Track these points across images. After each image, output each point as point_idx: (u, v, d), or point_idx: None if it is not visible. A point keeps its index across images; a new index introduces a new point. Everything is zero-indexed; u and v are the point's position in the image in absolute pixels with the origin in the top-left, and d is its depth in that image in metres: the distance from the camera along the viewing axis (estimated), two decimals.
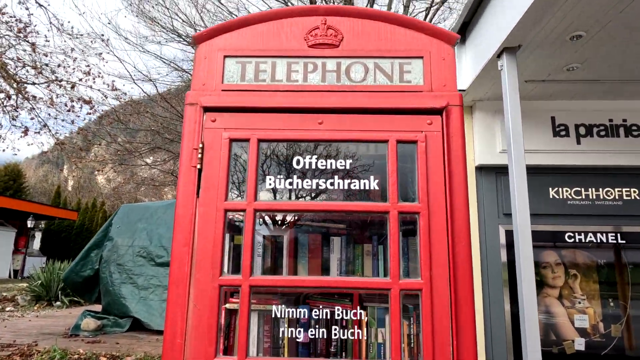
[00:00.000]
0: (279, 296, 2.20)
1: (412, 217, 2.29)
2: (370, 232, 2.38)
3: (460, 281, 1.43)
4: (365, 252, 2.33)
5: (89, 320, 5.84)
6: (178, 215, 1.53)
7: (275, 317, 1.92)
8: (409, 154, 1.54)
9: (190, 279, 1.47)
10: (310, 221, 2.34)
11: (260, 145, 1.54)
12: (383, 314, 2.19)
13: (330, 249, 2.34)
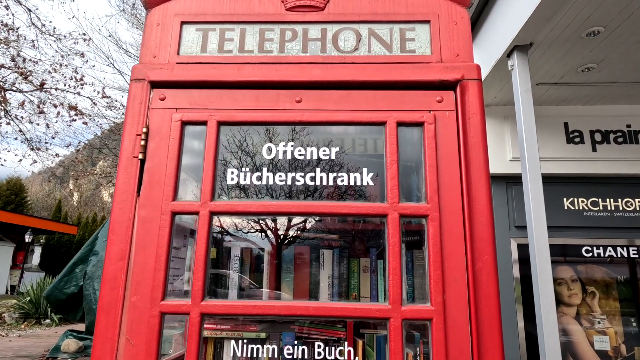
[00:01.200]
0: (257, 321, 1.83)
1: (419, 224, 1.92)
2: (368, 243, 2.01)
3: (483, 308, 1.06)
4: (362, 267, 1.96)
5: (70, 341, 5.43)
6: (113, 221, 1.17)
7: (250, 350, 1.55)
8: (413, 140, 1.19)
9: (124, 304, 1.10)
10: (297, 230, 1.98)
11: (221, 130, 1.19)
12: (384, 343, 1.81)
13: (320, 265, 1.97)
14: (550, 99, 5.48)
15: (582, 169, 5.22)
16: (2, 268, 20.50)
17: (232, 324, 1.85)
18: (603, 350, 5.11)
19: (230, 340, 1.84)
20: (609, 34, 3.63)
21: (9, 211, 21.01)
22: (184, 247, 1.82)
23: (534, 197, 3.89)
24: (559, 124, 5.53)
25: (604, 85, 4.88)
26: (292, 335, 1.65)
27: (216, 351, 1.85)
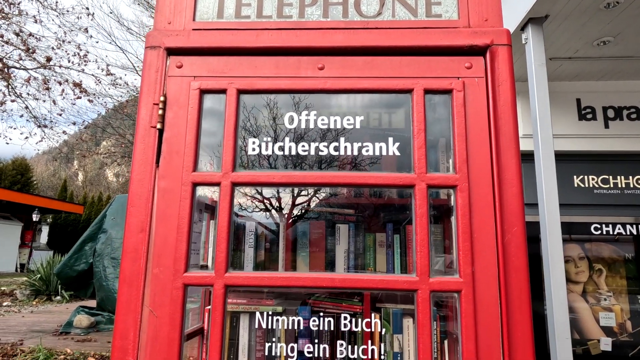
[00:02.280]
0: (274, 295, 1.83)
1: (437, 200, 1.89)
2: (384, 218, 1.98)
3: (513, 280, 1.04)
4: (378, 242, 1.94)
5: (82, 316, 5.52)
6: (132, 193, 1.15)
7: (268, 324, 1.55)
8: (440, 108, 1.15)
9: (145, 276, 1.09)
10: (312, 205, 1.96)
11: (242, 99, 1.15)
12: (400, 318, 1.80)
13: (336, 239, 1.95)
14: (563, 75, 5.36)
15: (593, 146, 5.14)
16: (12, 247, 20.80)
17: (248, 298, 1.85)
18: (608, 326, 5.14)
19: (246, 314, 1.84)
20: (628, 6, 3.50)
21: (15, 191, 21.16)
22: (200, 222, 1.80)
23: (546, 175, 3.84)
24: (571, 100, 5.43)
25: (620, 60, 4.76)
26: (308, 309, 1.65)
27: (232, 325, 1.85)
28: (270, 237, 1.99)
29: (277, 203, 1.93)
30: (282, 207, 1.92)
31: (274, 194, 1.95)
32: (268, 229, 1.96)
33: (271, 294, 1.88)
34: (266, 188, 1.80)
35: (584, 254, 5.34)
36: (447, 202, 1.85)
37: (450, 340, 1.80)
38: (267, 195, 1.97)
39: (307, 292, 1.85)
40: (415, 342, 1.81)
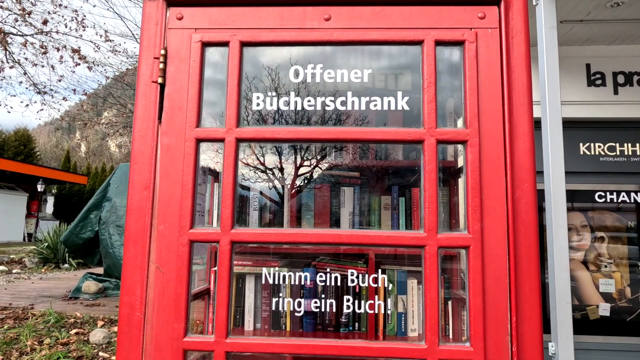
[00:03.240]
0: (279, 258, 1.84)
1: (444, 162, 1.86)
2: (389, 181, 1.97)
3: (521, 237, 1.03)
4: (383, 205, 1.93)
5: (90, 282, 5.64)
6: (135, 150, 1.13)
7: (274, 282, 1.55)
8: (450, 61, 1.10)
9: (151, 233, 1.08)
10: (317, 168, 1.94)
11: (245, 51, 1.11)
12: (404, 278, 1.81)
13: (341, 202, 1.94)
14: (573, 39, 5.20)
15: (601, 113, 5.05)
16: (18, 217, 21.06)
17: (253, 260, 1.86)
18: (607, 292, 5.21)
19: (252, 275, 1.85)
20: None
21: (19, 161, 21.22)
22: (204, 184, 1.78)
23: (553, 143, 3.79)
24: (581, 66, 5.30)
25: (633, 23, 4.60)
26: (313, 271, 1.66)
27: (238, 286, 1.87)
28: (275, 201, 1.98)
29: (281, 167, 1.91)
30: (286, 169, 1.90)
31: (276, 164, 1.93)
32: (272, 196, 1.95)
33: (276, 256, 1.89)
34: (270, 152, 1.77)
35: (587, 222, 5.35)
36: (453, 164, 1.83)
37: (453, 302, 1.81)
38: (271, 165, 1.94)
39: (312, 253, 1.85)
40: (419, 303, 1.84)
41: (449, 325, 1.84)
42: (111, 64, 12.96)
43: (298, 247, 1.84)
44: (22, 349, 3.18)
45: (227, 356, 1.01)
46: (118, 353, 1.07)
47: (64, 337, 3.53)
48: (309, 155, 1.93)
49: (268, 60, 1.19)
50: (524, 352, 0.99)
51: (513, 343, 0.99)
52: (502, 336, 0.99)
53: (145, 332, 1.05)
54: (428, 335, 0.99)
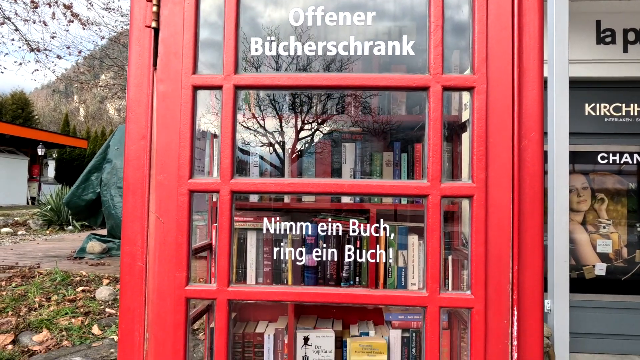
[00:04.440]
0: (280, 214, 1.84)
1: (448, 115, 1.82)
2: (391, 137, 1.93)
3: (527, 187, 1.01)
4: (384, 161, 1.90)
5: (94, 243, 5.72)
6: (130, 100, 1.09)
7: (275, 237, 1.56)
8: (459, 7, 1.05)
9: (150, 183, 1.07)
10: (318, 124, 1.90)
11: None
12: (405, 234, 1.82)
13: (342, 159, 1.92)
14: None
15: (609, 72, 4.93)
16: (20, 180, 21.13)
17: (254, 216, 1.86)
18: (604, 253, 5.28)
19: (253, 230, 1.86)
20: None
21: (18, 125, 21.07)
22: (202, 138, 1.75)
23: (559, 103, 3.70)
24: (590, 22, 5.12)
25: None
26: (314, 227, 1.66)
27: (240, 242, 1.88)
28: (276, 162, 1.95)
29: (280, 125, 1.87)
30: (286, 126, 1.87)
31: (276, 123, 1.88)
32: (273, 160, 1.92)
33: (277, 212, 1.89)
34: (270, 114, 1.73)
35: (587, 184, 5.35)
36: (457, 118, 1.79)
37: (454, 257, 1.82)
38: (270, 126, 1.91)
39: (313, 209, 1.85)
40: (419, 258, 1.85)
41: (449, 280, 1.87)
42: (106, 24, 12.56)
43: (300, 204, 1.84)
44: (30, 305, 3.27)
45: (229, 304, 1.02)
46: (121, 302, 1.08)
47: (71, 294, 3.61)
48: (309, 110, 1.89)
49: (267, 2, 1.13)
50: (524, 300, 1.00)
51: (514, 291, 0.99)
52: (503, 284, 0.99)
53: (148, 281, 1.06)
54: (429, 284, 0.99)
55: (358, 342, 1.78)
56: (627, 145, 5.17)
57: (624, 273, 5.20)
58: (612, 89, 5.11)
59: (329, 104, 1.88)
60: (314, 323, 1.92)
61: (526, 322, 1.00)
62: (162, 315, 1.04)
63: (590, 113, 5.18)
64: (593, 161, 5.28)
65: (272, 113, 1.90)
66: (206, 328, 2.11)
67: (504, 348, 0.99)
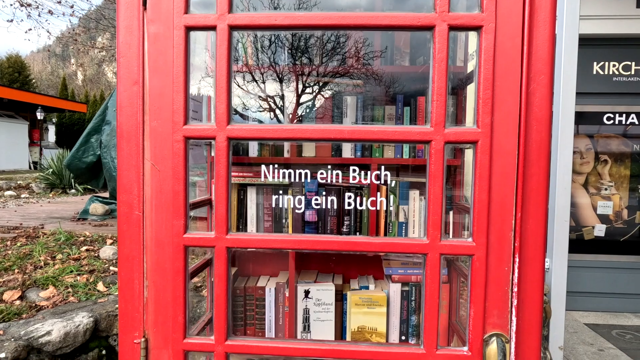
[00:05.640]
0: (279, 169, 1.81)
1: (453, 66, 1.75)
2: (394, 90, 1.88)
3: (533, 132, 0.97)
4: (387, 115, 1.86)
5: (97, 204, 5.76)
6: (120, 43, 1.04)
7: (275, 190, 1.54)
8: None
9: (144, 129, 1.03)
10: (319, 75, 1.84)
11: None
12: (407, 189, 1.80)
13: (343, 112, 1.87)
14: None
15: (620, 29, 4.76)
16: (21, 145, 21.10)
17: (254, 171, 1.84)
18: (605, 214, 5.30)
19: (253, 186, 1.84)
20: None
21: (16, 89, 20.79)
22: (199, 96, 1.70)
23: (568, 61, 3.59)
24: None
25: None
26: (315, 182, 1.64)
27: (240, 197, 1.86)
28: (274, 110, 1.91)
29: (278, 70, 1.81)
30: (284, 75, 1.81)
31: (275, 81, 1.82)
32: (270, 102, 1.87)
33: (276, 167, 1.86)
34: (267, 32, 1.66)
35: (592, 145, 5.29)
36: (463, 69, 1.73)
37: (455, 209, 1.81)
38: (269, 83, 1.84)
39: (312, 164, 1.82)
40: (420, 213, 1.84)
41: (449, 235, 1.87)
42: None
43: (300, 158, 1.81)
44: (35, 263, 3.31)
45: (228, 252, 1.01)
46: (120, 251, 1.07)
47: (75, 253, 3.66)
48: (309, 61, 1.82)
49: None
50: (526, 247, 0.99)
51: (516, 238, 0.98)
52: (506, 232, 0.98)
53: (145, 229, 1.05)
54: (430, 231, 0.98)
55: (358, 295, 1.80)
56: (635, 106, 5.07)
57: (623, 234, 5.24)
58: (623, 47, 4.95)
59: (329, 55, 1.81)
60: (314, 277, 1.94)
61: (527, 270, 0.99)
62: (161, 263, 1.04)
63: (599, 72, 5.04)
64: (599, 122, 5.20)
65: (270, 66, 1.84)
66: (207, 283, 2.14)
67: (503, 295, 0.99)
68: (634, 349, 3.89)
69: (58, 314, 2.48)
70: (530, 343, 1.01)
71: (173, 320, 1.04)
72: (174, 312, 1.04)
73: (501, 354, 0.97)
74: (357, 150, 1.82)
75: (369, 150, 1.84)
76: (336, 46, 1.77)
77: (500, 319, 0.99)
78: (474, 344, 0.99)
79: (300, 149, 1.82)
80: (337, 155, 1.81)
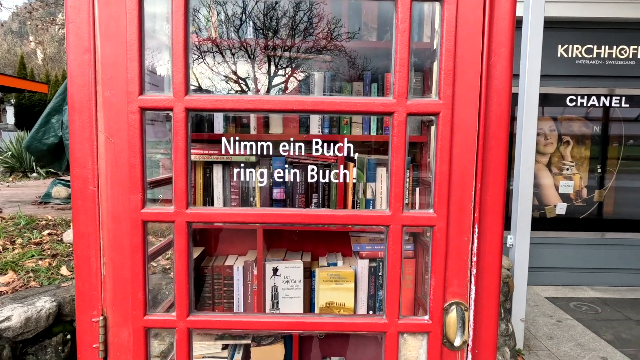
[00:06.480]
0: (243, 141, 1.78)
1: (419, 44, 1.75)
2: (361, 66, 1.87)
3: (493, 104, 0.98)
4: (354, 92, 1.85)
5: (60, 187, 5.54)
6: (69, 7, 0.98)
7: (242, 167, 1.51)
8: None
9: (96, 100, 0.98)
10: (285, 49, 1.80)
11: None
12: (374, 167, 1.81)
13: (310, 89, 1.85)
14: None
15: (584, 12, 4.88)
16: None
17: (219, 149, 1.80)
18: (566, 193, 5.53)
19: (219, 164, 1.81)
20: None
21: None
22: None
23: (533, 43, 3.66)
24: None
25: None
26: (282, 159, 1.62)
27: (206, 176, 1.83)
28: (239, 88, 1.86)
29: (244, 47, 1.76)
30: (249, 52, 1.76)
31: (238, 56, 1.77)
32: (234, 79, 1.82)
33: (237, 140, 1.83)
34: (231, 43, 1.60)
35: (555, 127, 5.47)
36: (428, 46, 1.73)
37: (421, 187, 1.83)
38: (236, 68, 1.79)
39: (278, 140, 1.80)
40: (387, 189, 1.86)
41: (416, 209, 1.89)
42: None
43: (266, 135, 1.78)
44: None
45: (189, 227, 0.99)
46: (74, 228, 1.03)
47: (37, 237, 3.52)
48: (274, 34, 1.78)
49: None
50: (485, 218, 1.01)
51: (475, 209, 1.00)
52: (466, 203, 1.00)
53: (101, 205, 1.01)
54: (392, 202, 0.98)
55: (326, 271, 1.82)
56: (595, 88, 5.25)
57: (582, 212, 5.49)
58: (586, 30, 5.09)
59: (295, 30, 1.77)
60: (283, 255, 1.94)
61: (486, 240, 1.02)
62: (118, 240, 1.00)
63: (563, 55, 5.18)
64: (563, 104, 5.36)
65: (235, 41, 1.78)
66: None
67: (463, 264, 1.01)
68: (589, 319, 4.12)
69: (18, 299, 2.39)
70: (488, 310, 1.04)
71: (133, 297, 1.01)
72: (133, 289, 1.01)
73: (460, 322, 1.00)
74: (324, 127, 1.81)
75: (337, 127, 1.83)
76: (302, 20, 1.74)
77: (460, 288, 1.02)
78: (434, 313, 1.01)
79: (267, 125, 1.79)
80: (305, 132, 1.79)
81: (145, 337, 1.02)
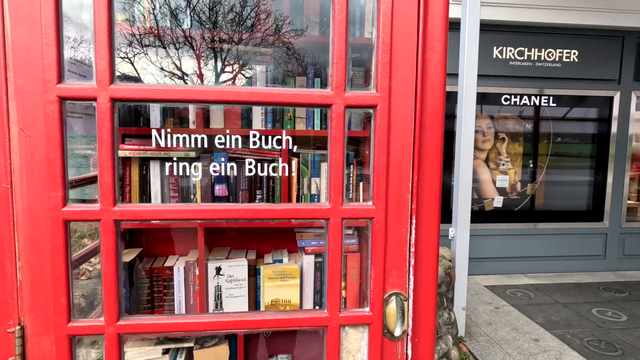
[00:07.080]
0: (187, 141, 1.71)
1: (359, 39, 1.77)
2: (304, 60, 1.85)
3: (428, 98, 1.00)
4: (298, 86, 1.83)
5: None
6: None
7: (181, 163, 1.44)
8: None
9: (7, 88, 0.89)
10: (225, 42, 1.75)
11: None
12: (318, 163, 1.80)
13: (253, 82, 1.81)
14: None
15: (517, 16, 5.19)
16: None
17: (157, 144, 1.71)
18: (502, 187, 5.86)
19: (156, 160, 1.72)
20: None
21: None
22: None
23: (470, 44, 3.84)
24: None
25: None
26: (224, 155, 1.57)
27: (142, 173, 1.74)
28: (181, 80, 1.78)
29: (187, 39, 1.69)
30: (190, 42, 1.69)
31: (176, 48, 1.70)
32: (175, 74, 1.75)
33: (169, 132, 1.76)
34: None
35: (492, 125, 5.78)
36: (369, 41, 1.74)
37: (365, 182, 1.85)
38: (175, 61, 1.71)
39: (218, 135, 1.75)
40: None
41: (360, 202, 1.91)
42: None
43: (207, 130, 1.72)
44: None
45: (116, 225, 0.92)
46: None
47: None
48: (215, 27, 1.72)
49: None
50: (422, 209, 1.03)
51: (413, 201, 1.01)
52: (404, 195, 1.01)
53: (16, 204, 0.92)
54: (332, 195, 0.97)
55: (271, 268, 1.79)
56: (527, 88, 5.60)
57: (517, 205, 5.85)
58: (519, 34, 5.41)
59: (236, 23, 1.72)
60: (227, 254, 1.89)
61: (423, 230, 1.04)
62: (36, 241, 0.92)
63: (498, 56, 5.47)
64: (499, 103, 5.67)
65: (172, 32, 1.70)
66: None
67: (402, 255, 1.03)
68: (523, 304, 4.39)
69: None
70: (426, 299, 1.06)
71: (55, 303, 0.93)
72: (55, 294, 0.93)
73: (400, 312, 1.01)
74: (267, 121, 1.77)
75: (280, 122, 1.80)
76: (243, 12, 1.69)
77: (399, 279, 1.03)
78: (374, 304, 1.02)
79: (208, 120, 1.73)
80: (247, 127, 1.75)
81: (70, 346, 0.94)
